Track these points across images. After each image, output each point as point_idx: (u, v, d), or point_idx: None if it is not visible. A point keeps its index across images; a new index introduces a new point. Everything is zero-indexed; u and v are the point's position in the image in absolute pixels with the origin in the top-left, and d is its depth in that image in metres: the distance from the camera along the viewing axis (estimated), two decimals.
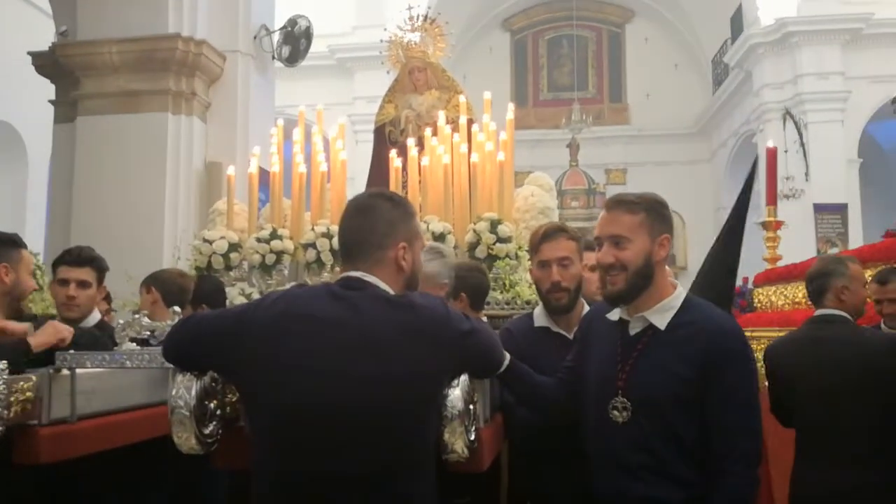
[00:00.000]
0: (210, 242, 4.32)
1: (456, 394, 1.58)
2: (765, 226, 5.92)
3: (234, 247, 4.32)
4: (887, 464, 2.64)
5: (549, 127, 15.35)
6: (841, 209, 11.75)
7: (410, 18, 5.11)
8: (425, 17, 5.13)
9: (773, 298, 5.50)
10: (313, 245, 4.17)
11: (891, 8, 11.32)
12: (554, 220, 3.69)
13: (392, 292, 1.63)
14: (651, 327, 1.83)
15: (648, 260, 1.84)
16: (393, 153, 4.46)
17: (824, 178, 11.62)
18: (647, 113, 16.40)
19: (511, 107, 4.39)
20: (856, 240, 11.44)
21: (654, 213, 1.88)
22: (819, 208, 11.68)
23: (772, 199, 6.04)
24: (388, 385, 1.50)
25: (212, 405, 1.71)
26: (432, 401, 1.58)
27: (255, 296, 3.89)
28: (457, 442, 1.57)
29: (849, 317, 2.86)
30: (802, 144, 11.89)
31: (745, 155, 13.68)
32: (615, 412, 1.82)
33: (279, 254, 4.23)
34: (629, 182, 15.47)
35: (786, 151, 11.23)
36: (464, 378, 1.61)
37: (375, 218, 1.67)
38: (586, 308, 2.27)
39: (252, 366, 1.55)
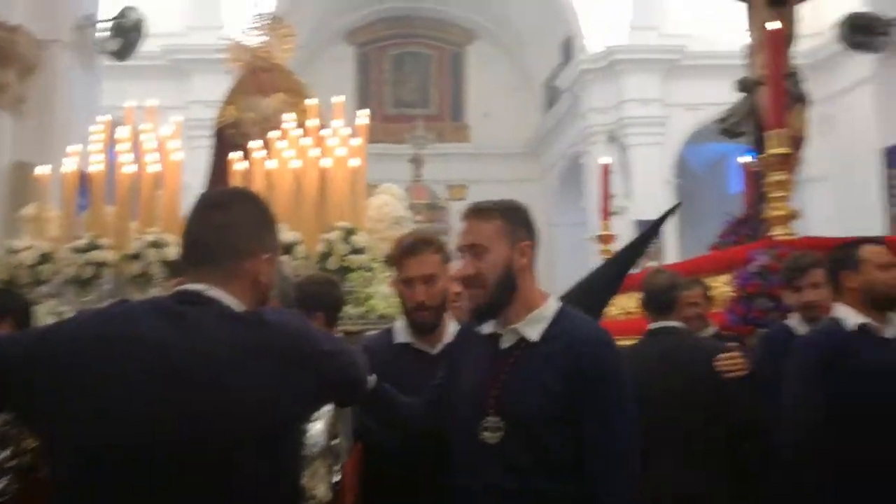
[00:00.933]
0: (15, 252, 3.70)
1: (317, 428, 1.30)
2: (599, 239, 6.11)
3: (45, 258, 3.73)
4: (726, 467, 2.69)
5: (393, 141, 15.21)
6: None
7: (256, 17, 4.73)
8: (272, 17, 4.78)
9: (608, 308, 5.63)
10: (139, 256, 3.68)
11: (702, 42, 12.24)
12: (420, 229, 3.47)
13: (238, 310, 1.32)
14: (523, 340, 1.68)
15: (509, 269, 1.69)
16: (236, 157, 4.05)
17: (645, 196, 12.31)
18: (486, 132, 16.75)
19: (365, 112, 4.14)
20: (670, 255, 12.25)
21: (512, 219, 1.73)
22: (640, 224, 12.37)
23: (605, 213, 6.24)
24: (227, 419, 1.20)
25: (6, 454, 1.31)
26: (286, 437, 1.29)
27: (70, 315, 3.35)
28: (318, 486, 1.29)
29: (685, 327, 2.97)
30: (624, 165, 12.57)
31: (573, 174, 14.27)
32: (486, 433, 1.63)
33: (98, 266, 3.69)
34: (470, 198, 15.65)
35: (611, 172, 11.79)
36: (328, 409, 1.33)
37: (238, 220, 1.37)
38: (451, 323, 2.07)
39: (54, 399, 1.20)
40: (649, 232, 2.39)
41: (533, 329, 1.68)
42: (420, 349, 2.08)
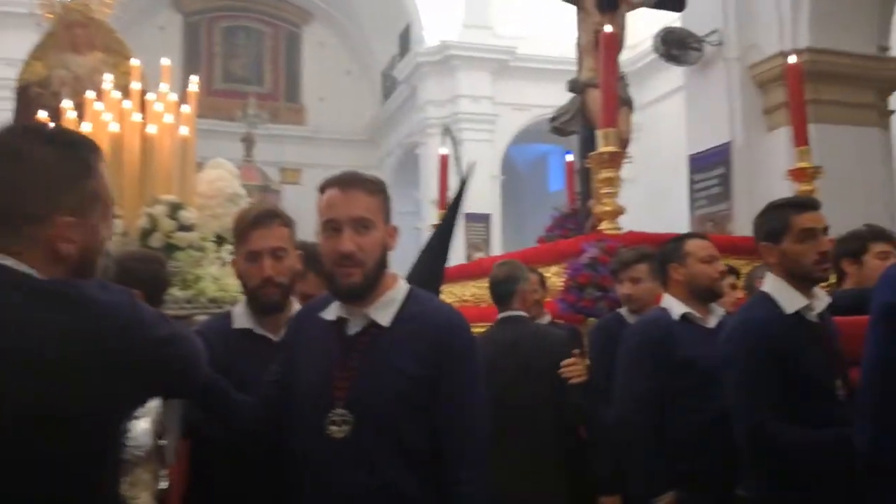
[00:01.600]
0: None
1: (142, 428, 1.09)
2: (435, 228, 6.09)
3: None
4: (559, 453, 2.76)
5: (223, 118, 14.37)
6: (486, 219, 12.85)
7: None
8: None
9: (444, 297, 5.64)
10: None
11: (531, 44, 12.69)
12: (265, 204, 3.21)
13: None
14: (373, 325, 1.56)
15: (384, 250, 1.59)
16: (43, 116, 3.55)
17: (474, 190, 12.56)
18: (323, 116, 16.34)
19: (195, 78, 3.78)
20: (496, 246, 12.66)
21: (387, 198, 1.63)
22: (469, 217, 12.62)
23: (442, 203, 6.25)
24: (29, 421, 0.98)
25: None
26: (104, 438, 1.07)
27: None
28: (141, 495, 1.08)
29: (528, 315, 3.07)
30: (457, 159, 12.79)
31: (408, 164, 14.30)
32: (333, 427, 1.49)
33: None
34: (304, 183, 15.22)
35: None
36: (154, 405, 1.12)
37: (23, 170, 1.09)
38: (297, 307, 1.90)
39: None
40: (453, 211, 2.34)
41: (384, 313, 1.56)
42: (262, 335, 1.89)
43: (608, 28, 3.89)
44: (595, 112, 4.54)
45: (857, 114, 5.96)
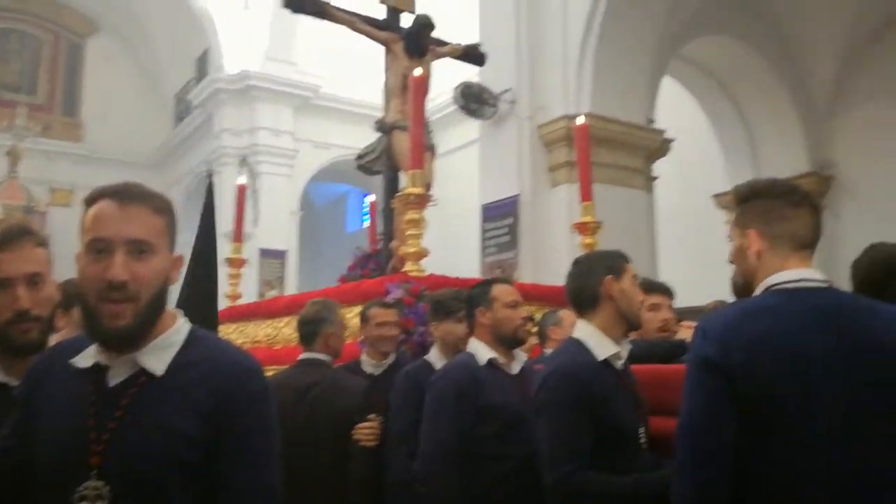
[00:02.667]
0: None
1: None
2: (229, 262, 5.70)
3: None
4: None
5: None
6: (282, 255, 12.42)
7: None
8: None
9: (235, 336, 5.24)
10: None
11: (334, 84, 12.63)
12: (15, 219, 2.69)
13: None
14: (142, 373, 1.24)
15: (165, 283, 1.28)
16: None
17: (270, 225, 12.13)
18: (104, 134, 14.90)
19: None
20: (291, 284, 12.23)
21: (173, 221, 1.33)
22: (264, 253, 12.12)
23: (238, 236, 5.87)
24: None
25: None
26: None
27: None
28: None
29: (330, 359, 2.89)
30: (254, 191, 12.26)
31: (200, 193, 13.45)
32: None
33: None
34: (76, 205, 13.69)
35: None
36: None
37: None
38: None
39: None
40: (204, 237, 2.12)
41: (157, 359, 1.24)
42: (6, 382, 1.51)
43: (418, 71, 3.87)
44: (401, 153, 4.52)
45: (628, 177, 6.55)
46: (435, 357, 2.85)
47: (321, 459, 2.59)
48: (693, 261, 7.71)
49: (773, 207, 1.53)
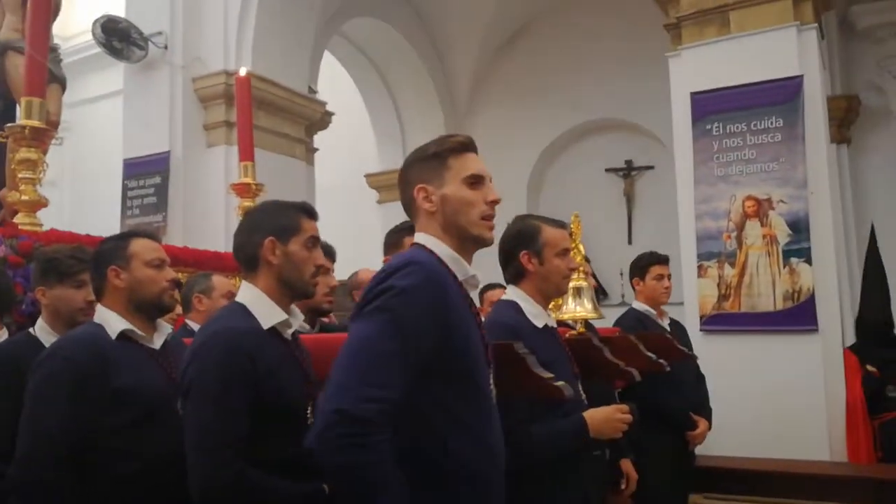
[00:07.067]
0: None
1: None
2: None
3: None
4: None
5: None
6: None
7: None
8: None
9: None
10: None
11: None
12: None
13: None
14: None
15: None
16: None
17: None
18: None
19: None
20: None
21: None
22: None
23: None
24: None
25: None
26: None
27: None
28: None
29: None
30: None
31: None
32: None
33: None
34: None
35: None
36: None
37: None
38: None
39: None
40: None
41: None
42: None
43: None
44: (17, 80, 3.53)
45: (289, 146, 6.20)
46: (43, 331, 2.16)
47: None
48: (345, 236, 7.71)
49: None
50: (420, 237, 1.51)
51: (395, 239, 2.45)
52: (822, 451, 4.18)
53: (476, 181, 1.50)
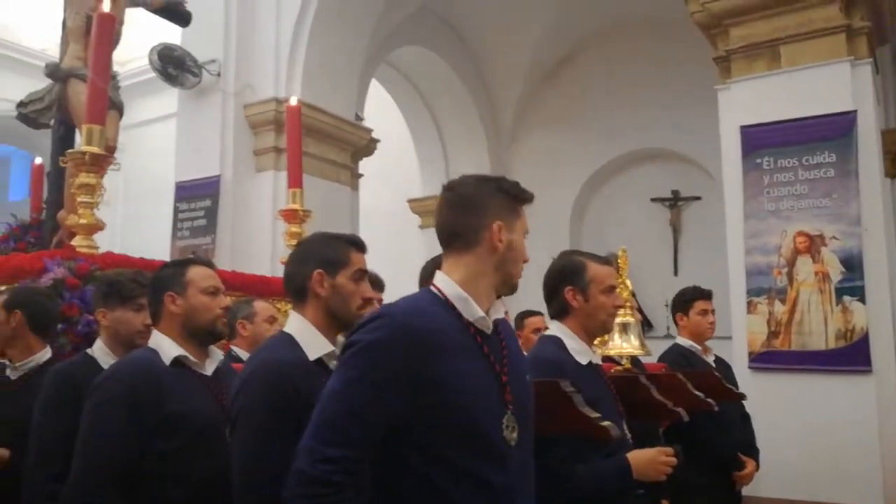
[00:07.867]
0: None
1: None
2: None
3: None
4: None
5: None
6: None
7: None
8: None
9: None
10: None
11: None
12: None
13: None
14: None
15: None
16: None
17: None
18: None
19: None
20: None
21: None
22: None
23: None
24: None
25: None
26: None
27: None
28: None
29: None
30: None
31: None
32: None
33: None
34: None
35: None
36: None
37: None
38: None
39: None
40: None
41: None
42: None
43: (106, 6, 3.12)
44: (77, 106, 3.67)
45: (335, 171, 6.29)
46: (101, 352, 2.21)
47: None
48: (387, 261, 7.74)
49: None
50: (441, 278, 1.44)
51: (427, 274, 2.46)
52: (875, 495, 4.01)
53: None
